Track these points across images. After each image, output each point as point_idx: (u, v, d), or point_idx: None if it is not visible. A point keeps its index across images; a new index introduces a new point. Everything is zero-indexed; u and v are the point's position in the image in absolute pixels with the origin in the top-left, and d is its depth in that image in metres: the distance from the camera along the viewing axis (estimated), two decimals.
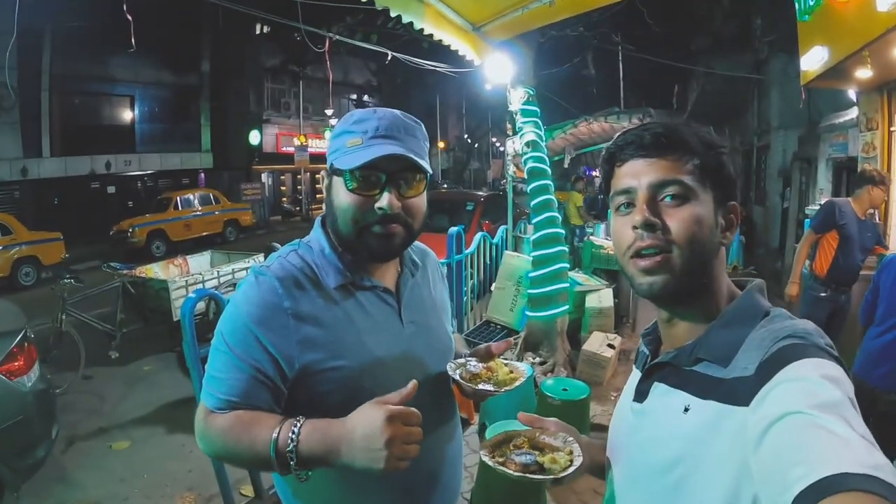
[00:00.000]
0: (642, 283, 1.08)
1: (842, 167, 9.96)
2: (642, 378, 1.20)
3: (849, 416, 0.79)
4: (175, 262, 8.86)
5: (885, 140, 6.75)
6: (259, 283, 1.39)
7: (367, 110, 1.45)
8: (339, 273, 1.46)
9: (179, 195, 19.66)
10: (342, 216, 1.43)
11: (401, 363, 1.48)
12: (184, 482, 4.58)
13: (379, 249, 1.45)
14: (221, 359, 1.37)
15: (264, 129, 28.47)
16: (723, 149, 1.09)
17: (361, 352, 1.42)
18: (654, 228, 1.03)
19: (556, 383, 4.62)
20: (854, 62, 5.31)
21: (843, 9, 4.90)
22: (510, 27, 5.68)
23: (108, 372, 6.92)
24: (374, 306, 1.50)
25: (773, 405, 0.85)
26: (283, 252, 1.51)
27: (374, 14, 11.03)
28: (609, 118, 8.34)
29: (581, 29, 14.00)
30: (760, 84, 14.62)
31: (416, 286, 1.65)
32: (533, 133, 6.38)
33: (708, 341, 1.05)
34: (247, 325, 1.34)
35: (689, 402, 1.03)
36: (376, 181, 1.40)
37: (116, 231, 17.43)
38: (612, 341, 6.45)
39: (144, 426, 5.59)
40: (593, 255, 8.60)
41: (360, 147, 1.39)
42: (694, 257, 1.03)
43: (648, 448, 1.10)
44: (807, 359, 0.89)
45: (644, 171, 1.07)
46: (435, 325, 1.67)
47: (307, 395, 1.39)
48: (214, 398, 1.36)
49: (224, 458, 1.49)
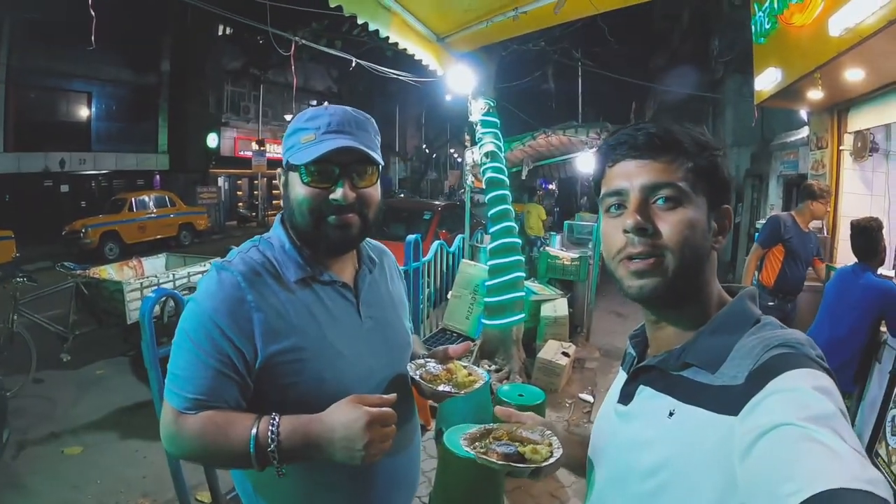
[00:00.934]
0: (632, 286, 1.06)
1: (792, 184, 10.31)
2: (628, 380, 1.19)
3: (841, 430, 0.78)
4: (130, 264, 8.70)
5: (833, 158, 7.01)
6: (221, 278, 1.41)
7: (319, 108, 1.50)
8: (298, 267, 1.49)
9: (134, 196, 19.23)
10: (299, 209, 1.47)
11: (360, 357, 1.53)
12: (138, 488, 4.50)
13: (336, 240, 1.50)
14: (186, 357, 1.38)
15: (222, 133, 27.99)
16: (717, 151, 1.07)
17: (323, 344, 1.46)
18: (646, 233, 1.02)
19: (512, 389, 4.70)
20: (806, 83, 5.50)
21: (797, 33, 5.08)
22: (474, 39, 5.77)
23: (59, 375, 6.75)
24: (333, 301, 1.53)
25: (763, 415, 0.84)
26: (243, 248, 1.54)
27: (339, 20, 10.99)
28: (567, 131, 8.46)
29: (543, 44, 14.18)
30: (716, 102, 15.00)
31: (374, 282, 1.69)
32: (492, 144, 6.47)
33: (696, 347, 1.04)
34: (212, 319, 1.37)
35: (674, 407, 1.02)
36: (330, 174, 1.45)
37: (69, 231, 16.90)
38: (567, 350, 6.55)
39: (97, 431, 5.46)
40: (549, 265, 8.72)
41: (314, 142, 1.44)
42: (686, 262, 1.02)
43: (631, 451, 1.08)
44: (799, 369, 0.89)
45: (636, 173, 1.05)
46: (393, 321, 1.71)
47: (272, 388, 1.41)
48: (181, 398, 1.36)
49: (195, 460, 1.51)
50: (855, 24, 3.98)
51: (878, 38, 3.93)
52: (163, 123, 25.55)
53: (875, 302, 4.11)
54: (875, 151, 6.70)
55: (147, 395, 3.22)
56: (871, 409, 4.02)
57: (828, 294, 4.44)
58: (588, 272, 8.52)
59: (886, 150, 6.84)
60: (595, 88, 21.29)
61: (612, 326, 9.19)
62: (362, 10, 4.26)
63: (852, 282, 4.25)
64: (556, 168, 12.42)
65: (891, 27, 3.66)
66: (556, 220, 17.46)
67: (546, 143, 9.27)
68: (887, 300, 4.08)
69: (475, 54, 6.39)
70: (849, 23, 4.03)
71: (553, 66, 18.46)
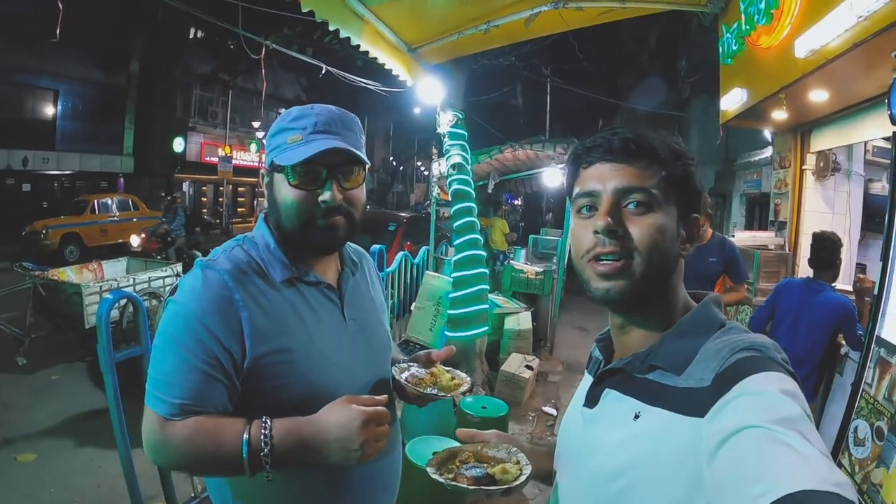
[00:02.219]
0: (598, 288, 1.07)
1: (755, 202, 10.52)
2: (594, 383, 1.19)
3: (807, 432, 0.79)
4: (90, 267, 8.55)
5: (796, 177, 7.16)
6: (207, 277, 1.38)
7: (305, 107, 1.48)
8: (284, 267, 1.47)
9: (97, 198, 18.93)
10: (286, 211, 1.44)
11: (345, 359, 1.52)
12: (93, 498, 4.40)
13: (324, 242, 1.49)
14: (171, 360, 1.33)
15: (189, 137, 27.64)
16: (691, 160, 1.09)
17: (310, 346, 1.44)
18: (616, 235, 1.03)
19: (475, 401, 4.70)
20: (771, 104, 5.61)
21: (763, 54, 5.18)
22: (445, 51, 5.82)
23: (14, 379, 6.60)
24: (318, 302, 1.51)
25: (730, 418, 0.85)
26: (227, 246, 1.50)
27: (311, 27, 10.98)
28: (534, 146, 8.51)
29: (513, 59, 14.29)
30: (682, 121, 15.22)
31: (357, 285, 1.68)
32: (459, 156, 6.50)
33: (662, 349, 1.05)
34: (199, 319, 1.33)
35: (640, 409, 1.02)
36: (318, 175, 1.43)
37: (29, 232, 16.54)
38: (531, 363, 6.58)
39: (52, 438, 5.31)
40: (513, 278, 8.77)
41: (301, 143, 1.41)
42: (653, 266, 1.03)
43: (597, 454, 1.08)
44: (765, 372, 0.89)
45: (610, 176, 1.06)
46: (375, 323, 1.70)
47: (259, 390, 1.39)
48: (166, 404, 1.31)
49: (183, 468, 1.45)
50: (820, 46, 4.09)
51: (842, 61, 4.04)
52: (129, 125, 25.18)
53: (832, 317, 4.24)
54: (837, 171, 6.86)
55: (103, 402, 3.13)
56: (833, 421, 4.10)
57: (783, 309, 4.53)
58: (552, 286, 8.58)
59: (848, 170, 7.02)
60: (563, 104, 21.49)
61: (575, 340, 9.25)
62: (334, 17, 4.26)
63: (809, 297, 4.35)
64: (523, 183, 12.50)
65: (855, 50, 3.77)
66: (521, 235, 17.57)
67: (513, 158, 9.32)
68: (844, 315, 4.20)
69: (445, 66, 6.44)
70: (814, 45, 4.14)
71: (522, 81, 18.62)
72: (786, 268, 6.73)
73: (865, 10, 3.46)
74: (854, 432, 3.59)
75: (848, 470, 3.59)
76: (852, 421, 3.63)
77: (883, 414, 3.32)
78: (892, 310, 3.44)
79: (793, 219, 7.14)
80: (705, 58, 10.86)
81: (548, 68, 18.03)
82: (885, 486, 3.11)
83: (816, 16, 4.12)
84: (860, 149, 6.95)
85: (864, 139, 6.13)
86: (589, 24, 5.67)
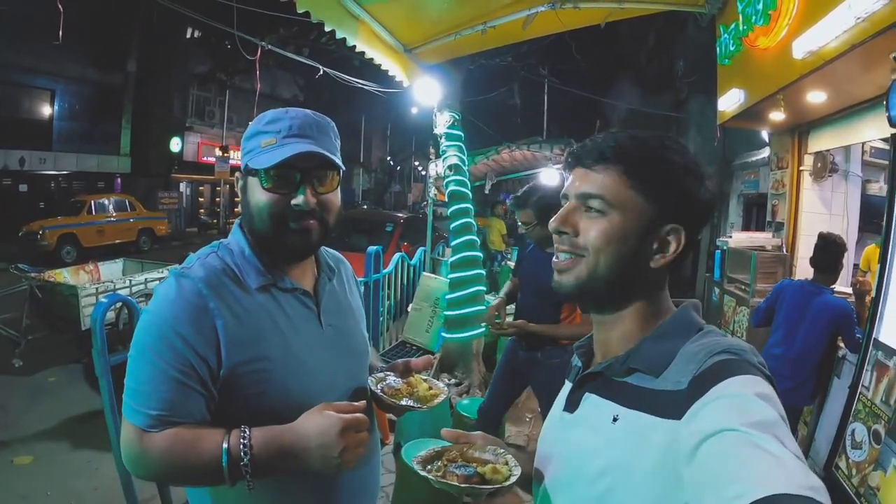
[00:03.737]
0: (553, 280, 1.14)
1: (752, 203, 10.52)
2: (573, 388, 1.21)
3: (782, 436, 0.80)
4: (86, 269, 8.54)
5: (793, 178, 7.14)
6: (181, 286, 1.37)
7: (279, 110, 1.48)
8: (259, 274, 1.46)
9: (94, 199, 18.95)
10: (258, 214, 1.44)
11: (322, 366, 1.51)
12: (90, 500, 4.40)
13: (296, 245, 1.48)
14: (146, 370, 1.32)
15: (186, 137, 27.56)
16: (675, 171, 1.08)
17: (286, 353, 1.43)
18: (567, 235, 1.10)
19: (471, 403, 4.69)
20: (768, 105, 5.59)
21: (761, 55, 5.16)
22: (442, 52, 5.80)
23: (10, 381, 6.59)
24: (293, 309, 1.50)
25: (707, 420, 0.86)
26: (201, 254, 1.49)
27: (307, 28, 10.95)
28: (531, 146, 8.51)
29: (510, 59, 14.28)
30: (679, 122, 15.20)
31: (333, 291, 1.67)
32: (456, 157, 6.49)
33: (640, 352, 1.06)
34: (173, 328, 1.32)
35: (618, 413, 1.04)
36: (291, 179, 1.43)
37: (26, 232, 16.55)
38: None
39: (48, 441, 5.31)
40: None
41: (275, 146, 1.41)
42: (600, 267, 1.06)
43: (577, 458, 1.10)
44: (741, 375, 0.91)
45: (576, 180, 1.12)
46: (352, 330, 1.69)
47: (237, 400, 1.38)
48: (143, 415, 1.31)
49: (163, 480, 1.48)
50: (818, 47, 4.08)
51: (840, 62, 4.03)
52: (126, 125, 25.10)
53: (831, 320, 4.24)
54: (834, 172, 6.87)
55: (100, 404, 3.11)
56: (831, 424, 4.10)
57: (782, 311, 4.52)
58: None
59: (845, 171, 7.02)
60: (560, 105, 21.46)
61: None
62: (330, 17, 4.25)
63: (808, 299, 4.35)
64: (520, 183, 12.49)
65: (853, 51, 3.76)
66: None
67: (510, 158, 9.33)
68: (842, 318, 4.21)
69: (442, 67, 6.43)
70: (812, 46, 4.13)
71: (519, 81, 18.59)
72: (783, 268, 6.73)
73: (864, 12, 3.45)
74: (851, 435, 3.59)
75: (845, 473, 3.59)
76: (849, 424, 3.64)
77: (880, 417, 3.32)
78: (889, 313, 3.45)
79: (790, 220, 7.13)
80: (703, 59, 10.86)
81: (545, 69, 18.01)
82: (882, 489, 3.11)
83: (814, 17, 4.11)
84: (858, 150, 6.96)
85: (861, 140, 6.13)
86: (585, 24, 5.67)
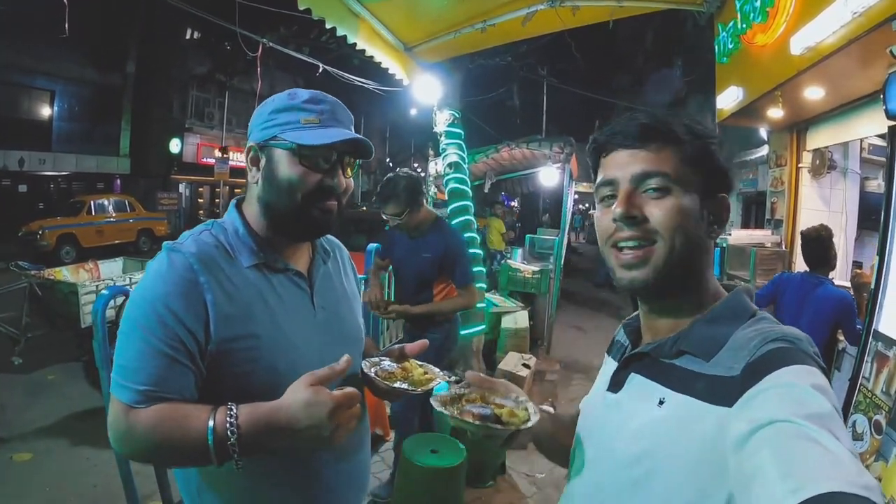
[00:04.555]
0: (623, 278, 1.08)
1: (751, 201, 10.56)
2: (619, 367, 1.18)
3: (837, 430, 0.77)
4: (86, 267, 8.52)
5: (792, 176, 7.18)
6: (172, 260, 1.34)
7: (314, 92, 1.47)
8: (252, 253, 1.44)
9: (93, 199, 18.93)
10: (288, 188, 1.42)
11: (313, 348, 1.48)
12: (89, 497, 4.36)
13: (320, 223, 1.47)
14: (135, 346, 1.29)
15: (186, 138, 27.51)
16: (712, 139, 1.08)
17: (275, 332, 1.41)
18: (635, 221, 1.04)
19: None
20: (767, 102, 5.62)
21: (759, 52, 5.20)
22: (441, 50, 5.83)
23: (9, 379, 6.57)
24: (286, 289, 1.49)
25: (760, 409, 0.84)
26: (195, 231, 1.47)
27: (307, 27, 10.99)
28: (531, 145, 8.52)
29: (509, 59, 14.32)
30: None
31: (328, 273, 1.66)
32: (456, 155, 6.51)
33: (692, 335, 1.04)
34: (163, 302, 1.29)
35: (664, 395, 1.02)
36: (329, 159, 1.43)
37: (25, 232, 16.54)
38: (528, 361, 6.58)
39: (47, 438, 5.27)
40: (510, 277, 8.77)
41: (320, 126, 1.42)
42: (677, 249, 1.03)
43: (619, 438, 1.07)
44: (797, 365, 0.88)
45: (627, 163, 1.07)
46: (346, 314, 1.67)
47: (224, 377, 1.35)
48: (131, 391, 1.27)
49: (148, 459, 1.44)
50: (816, 42, 4.11)
51: (837, 57, 4.06)
52: (125, 126, 25.14)
53: (832, 312, 4.24)
54: (833, 169, 6.89)
55: (99, 402, 3.10)
56: None
57: (782, 303, 4.53)
58: (549, 286, 8.58)
59: (844, 168, 7.06)
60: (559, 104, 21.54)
61: (572, 340, 9.28)
62: (331, 15, 4.26)
63: (808, 290, 4.36)
64: (519, 183, 12.52)
65: (850, 46, 3.78)
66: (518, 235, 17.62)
67: (509, 157, 9.33)
68: (844, 308, 4.21)
69: (442, 65, 6.45)
70: (810, 42, 4.16)
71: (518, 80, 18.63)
72: (782, 265, 6.74)
73: (860, 6, 3.48)
74: (853, 427, 3.60)
75: None
76: (850, 415, 3.64)
77: (881, 408, 3.32)
78: (889, 304, 3.45)
79: (789, 217, 7.16)
80: (701, 57, 10.90)
81: (544, 68, 18.07)
82: (884, 479, 3.11)
83: (812, 13, 4.14)
84: (856, 146, 6.99)
85: (859, 136, 6.16)
86: (585, 24, 5.69)
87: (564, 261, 9.59)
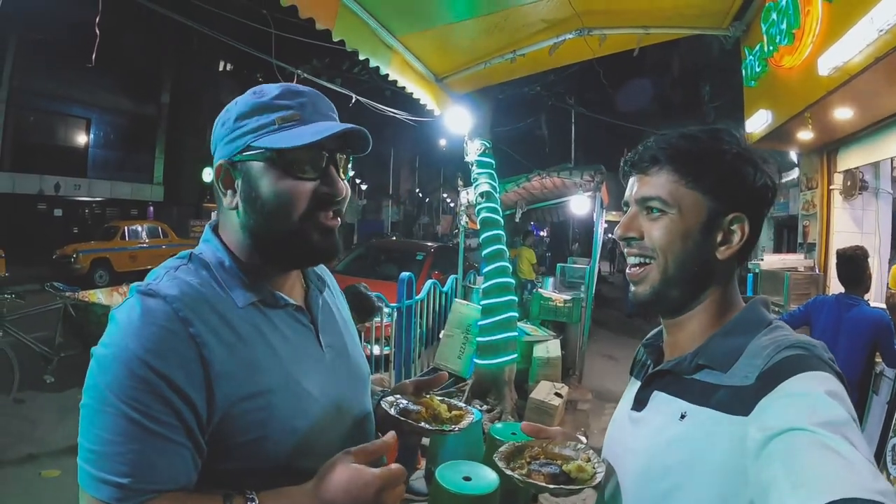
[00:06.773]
0: (630, 292, 1.16)
1: (783, 225, 10.46)
2: (642, 386, 1.19)
3: (853, 437, 0.78)
4: (120, 290, 8.64)
5: (824, 198, 7.12)
6: (150, 310, 1.03)
7: (286, 85, 1.20)
8: (247, 288, 1.16)
9: (127, 225, 19.20)
10: (277, 210, 1.13)
11: (329, 397, 1.22)
12: None
13: (323, 246, 1.19)
14: (109, 423, 0.97)
15: None
16: (727, 162, 1.07)
17: (289, 383, 1.14)
18: (633, 241, 1.13)
19: (505, 427, 4.65)
20: (796, 124, 5.60)
21: (787, 74, 5.19)
22: (472, 81, 5.89)
23: (41, 397, 6.66)
24: (289, 328, 1.21)
25: (775, 418, 0.85)
26: (168, 266, 1.16)
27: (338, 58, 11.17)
28: (562, 173, 8.52)
29: (538, 88, 14.40)
30: None
31: (326, 305, 1.37)
32: (487, 184, 6.52)
33: (709, 348, 1.05)
34: (145, 363, 0.98)
35: (686, 410, 1.03)
36: (319, 163, 1.16)
37: (60, 255, 16.78)
38: (560, 391, 6.51)
39: (76, 456, 5.32)
40: (542, 306, 8.72)
41: (300, 123, 1.14)
42: (670, 267, 1.08)
43: (644, 455, 1.08)
44: (811, 372, 0.89)
45: (634, 187, 1.15)
46: (351, 350, 1.38)
47: (233, 448, 1.06)
48: (108, 486, 0.96)
49: None
50: (843, 62, 4.09)
51: (865, 76, 4.05)
52: (159, 155, 25.72)
53: (869, 332, 4.16)
54: (864, 190, 6.80)
55: None
56: (870, 440, 4.03)
57: (818, 327, 4.45)
58: (581, 314, 8.52)
59: (876, 188, 6.95)
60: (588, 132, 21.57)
61: (604, 369, 9.17)
62: (364, 47, 4.33)
63: (843, 313, 4.29)
64: (549, 212, 12.48)
65: (878, 64, 3.78)
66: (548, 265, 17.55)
67: (540, 185, 9.33)
68: (880, 329, 4.13)
69: (472, 96, 6.51)
70: (837, 62, 4.15)
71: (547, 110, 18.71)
72: (816, 289, 6.66)
73: (886, 24, 3.47)
74: (892, 450, 3.54)
75: None
76: (890, 439, 3.59)
77: None
78: None
79: (822, 240, 7.08)
80: (728, 82, 10.87)
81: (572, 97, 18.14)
82: None
83: (838, 32, 4.14)
84: (887, 166, 6.90)
85: (890, 155, 6.08)
86: (613, 52, 5.73)
87: (594, 291, 9.54)
